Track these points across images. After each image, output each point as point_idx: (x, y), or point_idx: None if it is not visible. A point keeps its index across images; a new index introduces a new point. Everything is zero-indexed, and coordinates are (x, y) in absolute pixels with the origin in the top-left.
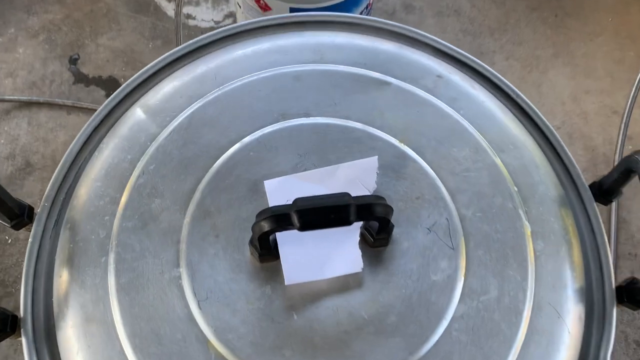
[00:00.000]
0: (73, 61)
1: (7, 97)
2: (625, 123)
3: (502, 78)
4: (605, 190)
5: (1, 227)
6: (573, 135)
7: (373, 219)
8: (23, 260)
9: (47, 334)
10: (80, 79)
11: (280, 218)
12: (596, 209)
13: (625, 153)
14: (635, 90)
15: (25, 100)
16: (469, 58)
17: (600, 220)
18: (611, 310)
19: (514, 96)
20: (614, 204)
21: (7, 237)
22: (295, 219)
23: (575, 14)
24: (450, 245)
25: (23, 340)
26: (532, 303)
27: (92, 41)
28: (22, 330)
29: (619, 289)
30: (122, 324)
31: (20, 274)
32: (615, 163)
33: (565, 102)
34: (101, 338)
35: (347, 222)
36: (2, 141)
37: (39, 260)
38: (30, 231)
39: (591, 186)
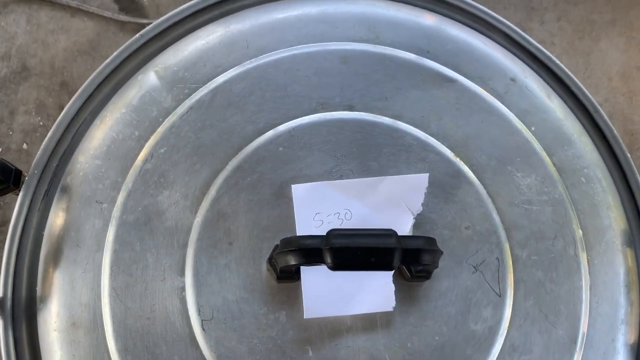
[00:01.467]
0: None
1: None
2: None
3: (585, 90)
4: None
5: None
6: (614, 116)
7: (419, 265)
8: None
9: (29, 323)
10: None
11: (310, 253)
12: None
13: None
14: None
15: None
16: (549, 59)
17: None
18: None
19: (593, 113)
20: None
21: None
22: (328, 257)
23: None
24: (497, 291)
25: (0, 323)
26: None
27: None
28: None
29: None
30: (113, 336)
31: None
32: None
33: (612, 78)
34: (89, 349)
35: (389, 268)
36: None
37: (24, 235)
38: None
39: None
